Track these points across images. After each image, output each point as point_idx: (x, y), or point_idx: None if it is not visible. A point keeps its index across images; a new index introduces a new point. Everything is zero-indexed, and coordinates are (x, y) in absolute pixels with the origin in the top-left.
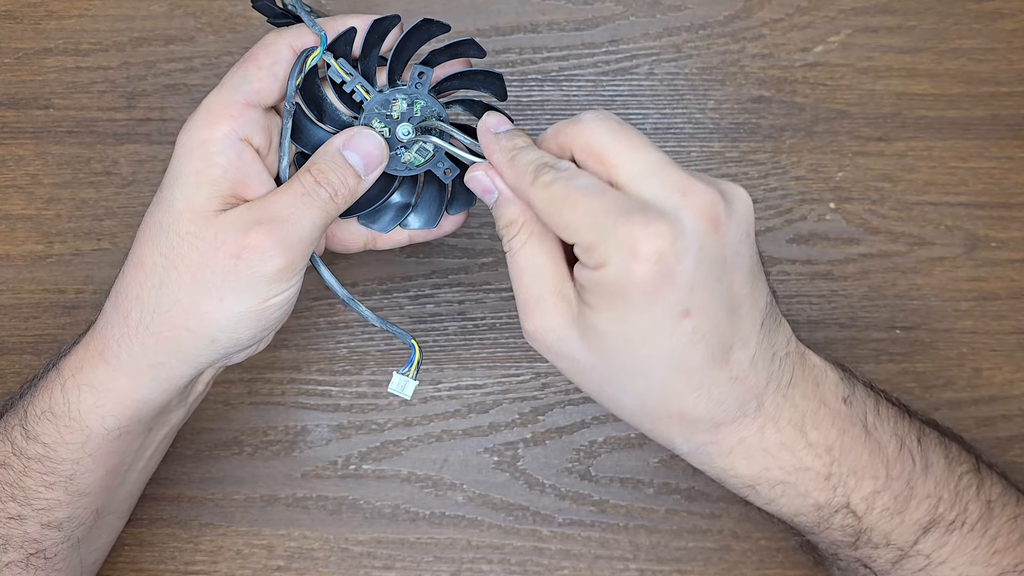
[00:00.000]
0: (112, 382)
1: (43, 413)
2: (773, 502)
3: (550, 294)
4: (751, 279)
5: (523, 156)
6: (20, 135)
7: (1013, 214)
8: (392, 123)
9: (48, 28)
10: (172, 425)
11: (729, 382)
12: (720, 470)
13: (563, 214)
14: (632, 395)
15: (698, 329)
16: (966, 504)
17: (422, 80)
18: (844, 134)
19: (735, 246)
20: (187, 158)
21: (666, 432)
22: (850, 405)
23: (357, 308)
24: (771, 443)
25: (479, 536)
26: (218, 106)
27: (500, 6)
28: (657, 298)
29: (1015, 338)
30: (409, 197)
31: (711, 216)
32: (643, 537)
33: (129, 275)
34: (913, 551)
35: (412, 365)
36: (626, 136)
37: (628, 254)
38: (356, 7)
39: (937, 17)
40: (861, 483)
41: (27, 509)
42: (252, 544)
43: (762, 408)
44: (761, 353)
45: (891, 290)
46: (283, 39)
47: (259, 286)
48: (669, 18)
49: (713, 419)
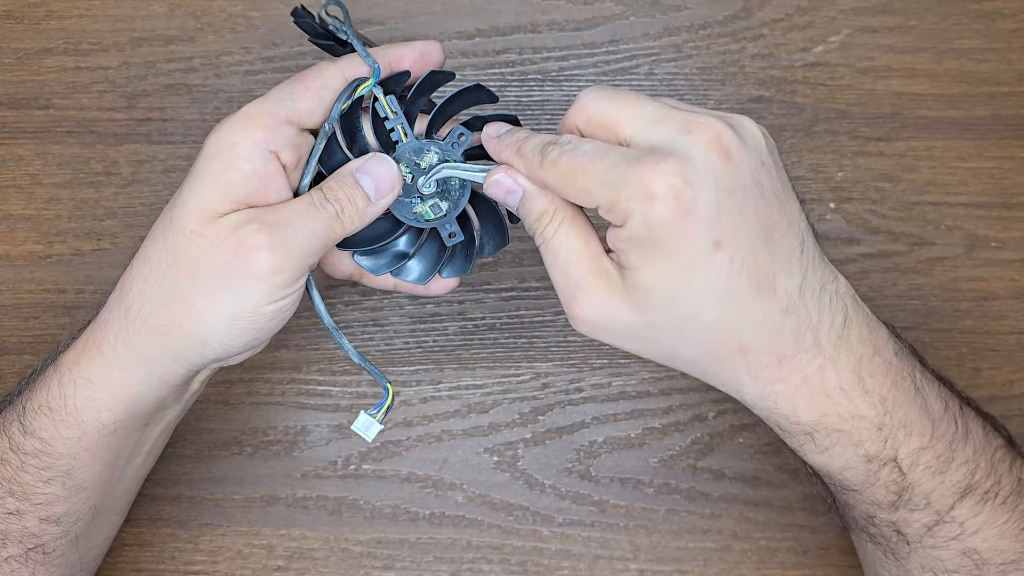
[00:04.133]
0: (107, 375)
1: (40, 408)
2: (826, 451)
3: (588, 273)
4: (778, 205)
5: (528, 144)
6: (20, 135)
7: (1013, 214)
8: (418, 171)
9: (48, 28)
10: (168, 421)
11: (781, 313)
12: (782, 416)
13: (576, 183)
14: (690, 342)
15: (735, 258)
16: (1000, 476)
17: (460, 141)
18: (844, 134)
19: (752, 174)
20: (213, 158)
21: (733, 372)
22: (901, 359)
23: (340, 340)
24: (831, 386)
25: (479, 536)
26: (258, 114)
27: (500, 6)
28: (685, 234)
29: (1015, 338)
30: (409, 248)
31: (720, 147)
32: (643, 537)
33: (135, 269)
34: (948, 517)
35: (382, 409)
36: (622, 96)
37: (645, 199)
38: (355, 7)
39: (937, 17)
40: (910, 438)
41: (25, 504)
42: (252, 544)
43: (819, 345)
44: (808, 284)
45: (891, 290)
46: (337, 67)
47: (252, 288)
48: (669, 18)
49: (774, 350)
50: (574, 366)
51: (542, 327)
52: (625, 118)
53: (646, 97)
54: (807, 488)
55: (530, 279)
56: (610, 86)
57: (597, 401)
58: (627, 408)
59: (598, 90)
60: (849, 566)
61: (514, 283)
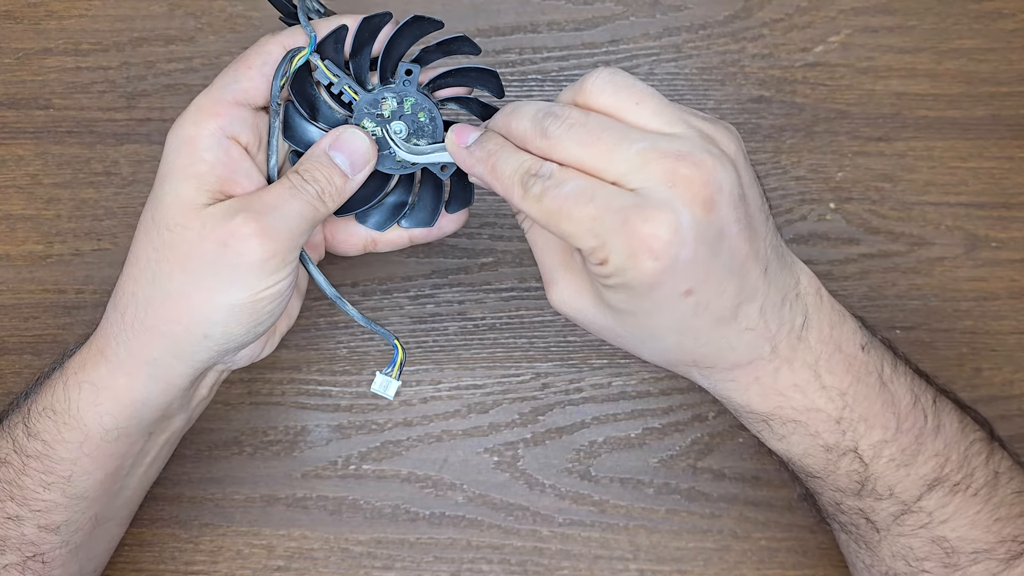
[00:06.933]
0: (112, 380)
1: (44, 410)
2: (784, 439)
3: (560, 266)
4: (749, 237)
5: (503, 165)
6: (20, 135)
7: (1013, 214)
8: (383, 122)
9: (48, 28)
10: (173, 431)
11: (739, 333)
12: (738, 405)
13: (560, 226)
14: (649, 352)
15: (700, 303)
16: (973, 469)
17: (410, 78)
18: (844, 134)
19: (733, 213)
20: (175, 154)
21: (686, 374)
22: (867, 353)
23: (344, 307)
24: (785, 384)
25: (479, 536)
26: (207, 104)
27: (500, 6)
28: (659, 287)
29: (1015, 338)
30: (406, 196)
31: (703, 200)
32: (643, 537)
33: (126, 273)
34: (916, 507)
35: (395, 365)
36: (596, 140)
37: (628, 255)
38: (356, 7)
39: (937, 17)
40: (871, 431)
41: (24, 510)
42: (252, 544)
43: (776, 351)
44: (769, 300)
45: (891, 290)
46: (276, 40)
47: (247, 276)
48: (669, 18)
49: (727, 363)
50: (574, 366)
51: (542, 327)
52: (604, 165)
53: (623, 137)
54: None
55: (530, 279)
56: (580, 119)
57: (597, 401)
58: (627, 408)
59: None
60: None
61: (514, 283)
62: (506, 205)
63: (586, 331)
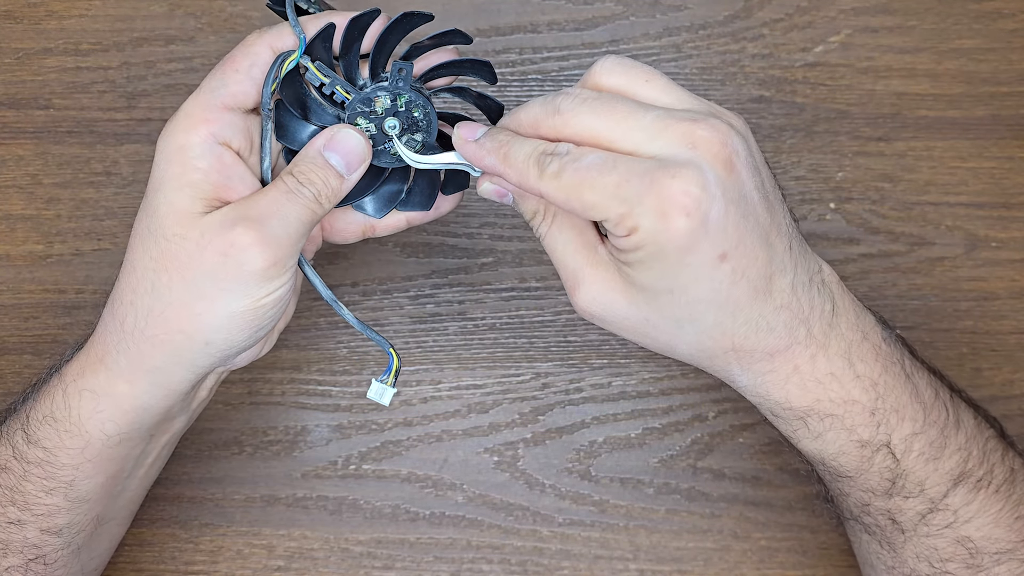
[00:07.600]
0: (112, 388)
1: (44, 418)
2: (820, 437)
3: (585, 264)
4: (768, 207)
5: (516, 152)
6: (20, 135)
7: (1013, 214)
8: (377, 119)
9: (48, 28)
10: (174, 432)
11: (775, 311)
12: (775, 403)
13: (584, 197)
14: (686, 340)
15: (737, 269)
16: (992, 466)
17: (402, 75)
18: (844, 134)
19: (752, 181)
20: (167, 163)
21: (725, 366)
22: (889, 345)
23: (341, 311)
24: (822, 372)
25: (479, 536)
26: (196, 110)
27: (500, 6)
28: (694, 250)
29: (1015, 338)
30: (402, 183)
31: (724, 160)
32: (643, 537)
33: (123, 281)
34: (942, 504)
35: (391, 373)
36: (610, 110)
37: (659, 216)
38: (356, 4)
39: (937, 17)
40: (902, 423)
41: (27, 514)
42: (252, 544)
43: (811, 335)
44: (799, 277)
45: (891, 290)
46: (263, 40)
47: (249, 285)
48: (669, 18)
49: (767, 348)
50: (574, 366)
51: (542, 327)
52: (619, 135)
53: (636, 108)
54: (807, 488)
55: (530, 279)
56: (591, 93)
57: (597, 401)
58: (627, 408)
59: (582, 103)
60: (849, 566)
61: (514, 283)
62: (506, 206)
63: (610, 333)
